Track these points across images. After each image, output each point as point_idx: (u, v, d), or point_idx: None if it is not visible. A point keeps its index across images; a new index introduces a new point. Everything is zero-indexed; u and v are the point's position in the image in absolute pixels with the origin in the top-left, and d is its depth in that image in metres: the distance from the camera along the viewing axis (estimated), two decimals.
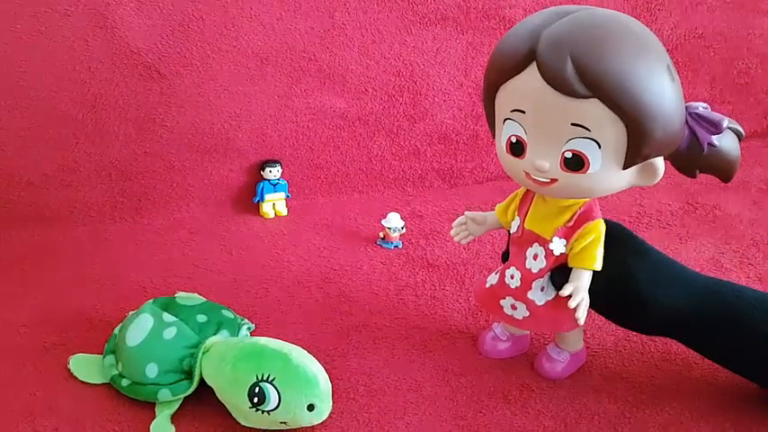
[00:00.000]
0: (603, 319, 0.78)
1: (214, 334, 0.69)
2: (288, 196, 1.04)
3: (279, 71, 1.01)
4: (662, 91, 0.54)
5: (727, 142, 0.58)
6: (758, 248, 0.92)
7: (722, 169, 0.59)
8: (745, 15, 1.18)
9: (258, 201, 1.03)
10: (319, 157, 1.06)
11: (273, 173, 1.02)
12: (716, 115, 0.57)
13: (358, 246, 0.94)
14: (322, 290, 0.85)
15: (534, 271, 0.65)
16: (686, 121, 0.57)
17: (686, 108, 0.57)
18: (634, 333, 0.76)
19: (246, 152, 1.03)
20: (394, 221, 0.94)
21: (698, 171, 0.59)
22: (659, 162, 0.58)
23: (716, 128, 0.57)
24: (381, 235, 0.95)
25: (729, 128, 0.58)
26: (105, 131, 0.96)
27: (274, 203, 1.03)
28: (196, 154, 1.01)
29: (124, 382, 0.67)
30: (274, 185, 1.02)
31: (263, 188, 1.02)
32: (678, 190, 1.06)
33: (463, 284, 0.86)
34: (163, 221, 1.00)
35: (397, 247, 0.94)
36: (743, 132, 0.59)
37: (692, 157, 0.58)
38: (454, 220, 0.73)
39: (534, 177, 0.59)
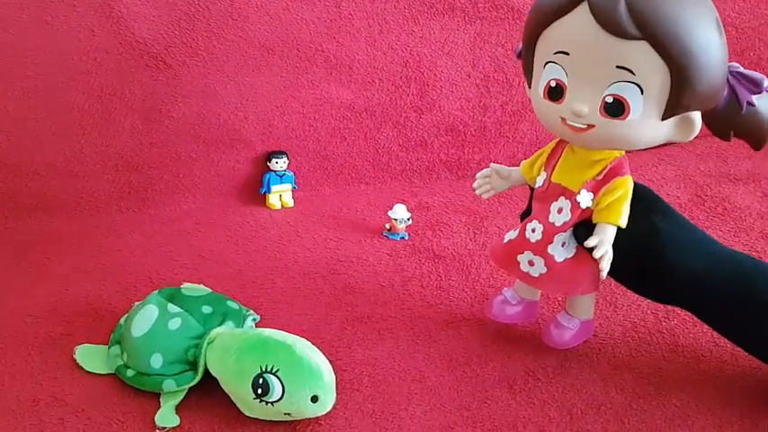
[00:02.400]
0: (611, 309, 0.78)
1: (219, 325, 0.69)
2: (294, 187, 1.04)
3: (285, 61, 1.00)
4: (709, 42, 0.54)
5: (764, 104, 0.58)
6: (767, 241, 0.91)
7: (756, 132, 0.59)
8: (757, 5, 1.16)
9: (264, 192, 1.02)
10: (326, 148, 1.06)
11: (280, 164, 1.02)
12: (757, 74, 0.57)
13: (364, 237, 0.94)
14: (328, 281, 0.85)
15: (558, 224, 0.64)
16: (727, 79, 0.57)
17: (728, 66, 0.57)
18: (642, 323, 0.76)
19: (253, 143, 1.03)
20: (400, 213, 0.93)
21: (732, 133, 0.59)
22: (697, 117, 0.58)
23: (756, 87, 0.57)
24: (388, 226, 0.95)
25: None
26: (111, 122, 0.96)
27: (281, 194, 1.03)
28: (202, 145, 1.01)
29: (129, 373, 0.67)
30: (281, 176, 1.02)
31: (269, 179, 1.02)
32: (687, 182, 1.05)
33: (469, 275, 0.85)
34: (169, 212, 1.00)
35: (403, 238, 0.94)
36: None
37: (730, 117, 0.58)
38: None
39: (570, 123, 0.59)
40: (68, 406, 0.65)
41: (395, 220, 0.93)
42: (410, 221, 0.94)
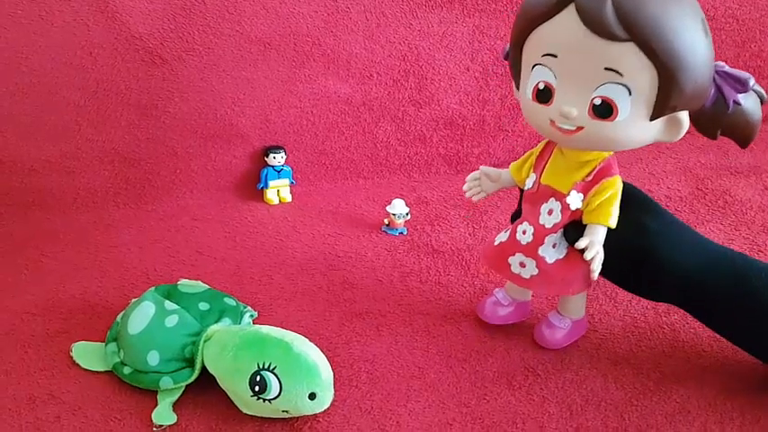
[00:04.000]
0: (611, 304, 0.77)
1: (216, 322, 0.68)
2: (292, 182, 1.03)
3: (282, 56, 1.00)
4: (696, 43, 0.55)
5: (750, 103, 0.58)
6: None
7: (743, 131, 0.59)
8: None
9: (262, 187, 1.02)
10: (324, 143, 1.06)
11: (278, 159, 1.01)
12: (743, 73, 0.58)
13: (362, 232, 0.94)
14: (326, 277, 0.84)
15: (548, 226, 0.64)
16: (713, 78, 0.57)
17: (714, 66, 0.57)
18: (642, 318, 0.75)
19: (250, 138, 1.02)
20: (399, 208, 0.93)
21: (719, 132, 0.59)
22: (684, 117, 0.58)
23: (742, 86, 0.57)
24: (386, 221, 0.95)
25: (754, 89, 0.58)
26: (107, 117, 0.95)
27: (278, 190, 1.02)
28: (199, 140, 1.00)
29: (126, 370, 0.67)
30: (278, 172, 1.02)
31: (267, 174, 1.01)
32: (688, 175, 1.05)
33: (468, 270, 0.85)
34: (166, 208, 1.00)
35: (401, 233, 0.93)
36: (765, 96, 0.59)
37: (716, 116, 0.58)
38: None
39: (559, 125, 0.59)
40: (65, 403, 0.65)
41: (393, 215, 0.93)
42: (409, 216, 0.94)
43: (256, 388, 0.60)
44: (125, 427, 0.63)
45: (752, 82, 0.57)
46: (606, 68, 0.55)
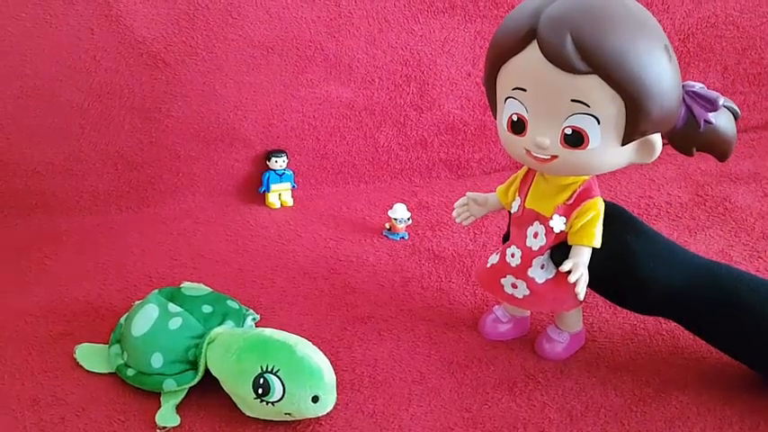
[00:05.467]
0: (611, 311, 0.78)
1: (219, 324, 0.69)
2: (294, 186, 1.03)
3: (285, 60, 1.00)
4: (659, 69, 0.55)
5: (723, 120, 0.59)
6: None
7: (719, 147, 0.60)
8: (759, 4, 1.16)
9: (264, 191, 1.02)
10: (325, 147, 1.06)
11: (279, 163, 1.02)
12: (712, 93, 0.59)
13: (364, 237, 0.94)
14: (327, 281, 0.85)
15: (534, 249, 0.65)
16: (683, 99, 0.58)
17: (683, 86, 0.59)
18: (642, 326, 0.76)
19: (252, 142, 1.03)
20: (400, 212, 0.93)
21: (695, 149, 0.60)
22: (657, 139, 0.59)
23: (712, 105, 0.58)
24: (387, 226, 0.95)
25: (725, 106, 0.59)
26: (111, 121, 0.96)
27: (280, 194, 1.03)
28: (202, 144, 1.01)
29: (130, 372, 0.67)
30: (280, 175, 1.02)
31: (268, 178, 1.02)
32: (688, 182, 1.05)
33: (469, 276, 0.85)
34: (168, 211, 1.00)
35: (403, 238, 0.94)
36: (739, 112, 0.60)
37: (689, 135, 0.59)
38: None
39: (535, 155, 0.60)
40: (69, 405, 0.65)
41: (395, 219, 0.93)
42: (410, 221, 0.94)
43: (260, 390, 0.61)
44: (128, 428, 0.63)
45: (721, 100, 0.58)
46: (573, 100, 0.56)
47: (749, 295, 0.64)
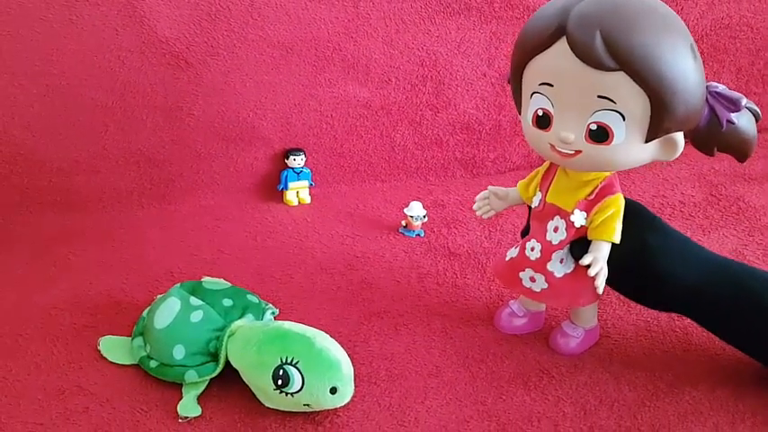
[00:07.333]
0: (624, 308, 0.79)
1: (239, 318, 0.70)
2: (311, 184, 1.05)
3: (303, 60, 1.02)
4: (685, 67, 0.56)
5: (744, 121, 0.60)
6: None
7: (739, 148, 0.61)
8: None
9: (282, 189, 1.04)
10: (342, 145, 1.07)
11: (297, 161, 1.03)
12: (735, 94, 0.60)
13: (380, 234, 0.95)
14: (345, 277, 0.86)
15: (554, 243, 0.66)
16: (706, 99, 0.59)
17: (707, 87, 0.59)
18: (655, 322, 0.77)
19: (271, 140, 1.04)
20: (416, 210, 0.94)
21: (716, 149, 0.61)
22: (679, 137, 0.60)
23: (735, 105, 0.59)
24: (403, 223, 0.96)
25: (747, 107, 0.60)
26: (134, 119, 0.98)
27: (298, 191, 1.04)
28: (222, 142, 1.02)
29: (152, 364, 0.68)
30: (298, 174, 1.04)
31: (286, 176, 1.03)
32: (702, 181, 1.06)
33: (484, 273, 0.86)
34: (189, 208, 1.02)
35: (419, 235, 0.95)
36: (760, 113, 0.61)
37: (711, 135, 0.60)
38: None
39: (559, 149, 0.61)
40: (93, 395, 0.67)
41: (411, 217, 0.94)
42: (426, 219, 0.95)
43: (279, 381, 0.62)
44: (151, 418, 0.64)
45: (744, 101, 0.59)
46: (599, 96, 0.57)
47: (764, 292, 0.65)
